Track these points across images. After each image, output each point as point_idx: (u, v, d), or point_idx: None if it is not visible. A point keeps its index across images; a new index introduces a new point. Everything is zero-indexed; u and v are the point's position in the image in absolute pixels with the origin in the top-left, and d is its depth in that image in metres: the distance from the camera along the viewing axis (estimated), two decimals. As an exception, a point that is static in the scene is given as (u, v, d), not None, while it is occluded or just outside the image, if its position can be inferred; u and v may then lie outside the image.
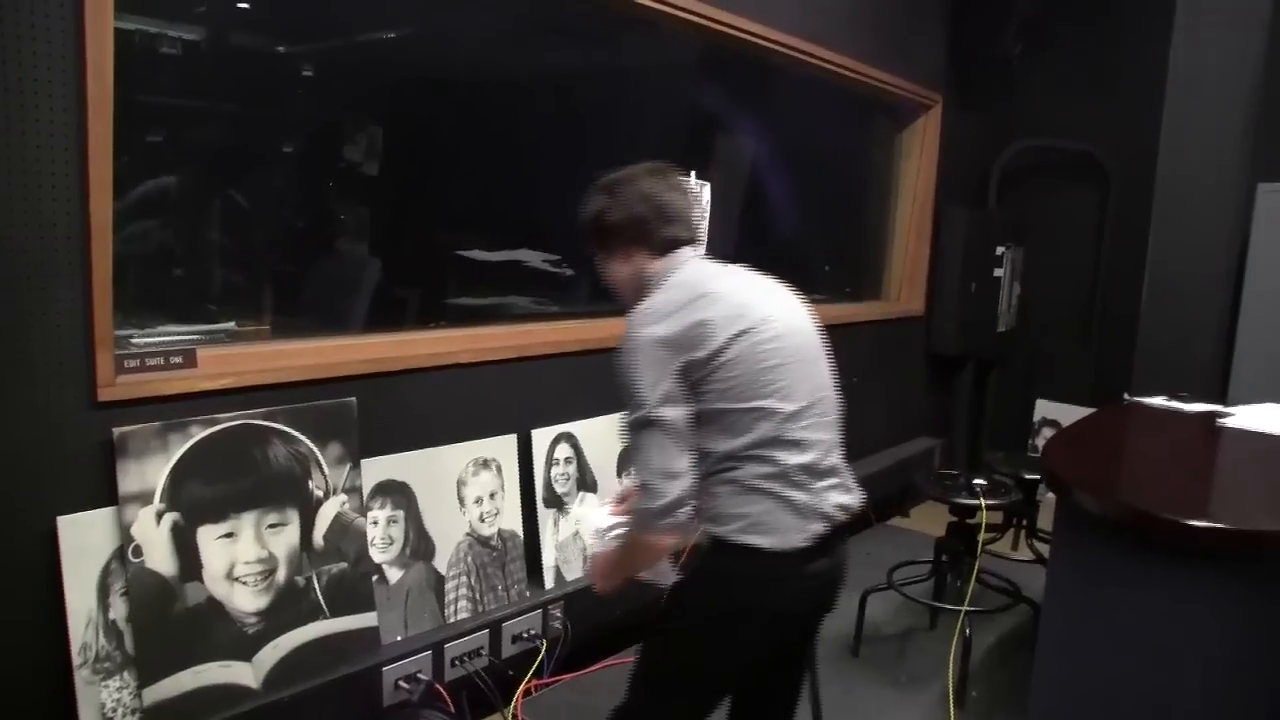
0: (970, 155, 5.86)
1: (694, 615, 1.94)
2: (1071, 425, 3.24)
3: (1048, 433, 5.84)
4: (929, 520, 5.13)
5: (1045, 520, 4.19)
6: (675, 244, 1.98)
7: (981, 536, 3.57)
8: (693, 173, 3.90)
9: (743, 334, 1.85)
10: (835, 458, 1.98)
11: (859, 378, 5.16)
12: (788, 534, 1.85)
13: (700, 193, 3.93)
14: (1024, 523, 4.39)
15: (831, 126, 5.27)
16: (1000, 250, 5.71)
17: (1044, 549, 4.30)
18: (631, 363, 1.84)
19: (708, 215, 3.92)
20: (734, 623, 1.91)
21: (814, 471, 1.90)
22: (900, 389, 5.70)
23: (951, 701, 3.22)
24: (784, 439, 1.86)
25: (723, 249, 4.20)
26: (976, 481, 3.69)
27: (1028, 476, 4.05)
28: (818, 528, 1.88)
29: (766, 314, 1.91)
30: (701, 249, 2.05)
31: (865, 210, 5.80)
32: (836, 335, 4.75)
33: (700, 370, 1.83)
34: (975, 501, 3.57)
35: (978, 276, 5.66)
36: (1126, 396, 3.66)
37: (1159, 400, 3.50)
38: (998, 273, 5.72)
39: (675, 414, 1.82)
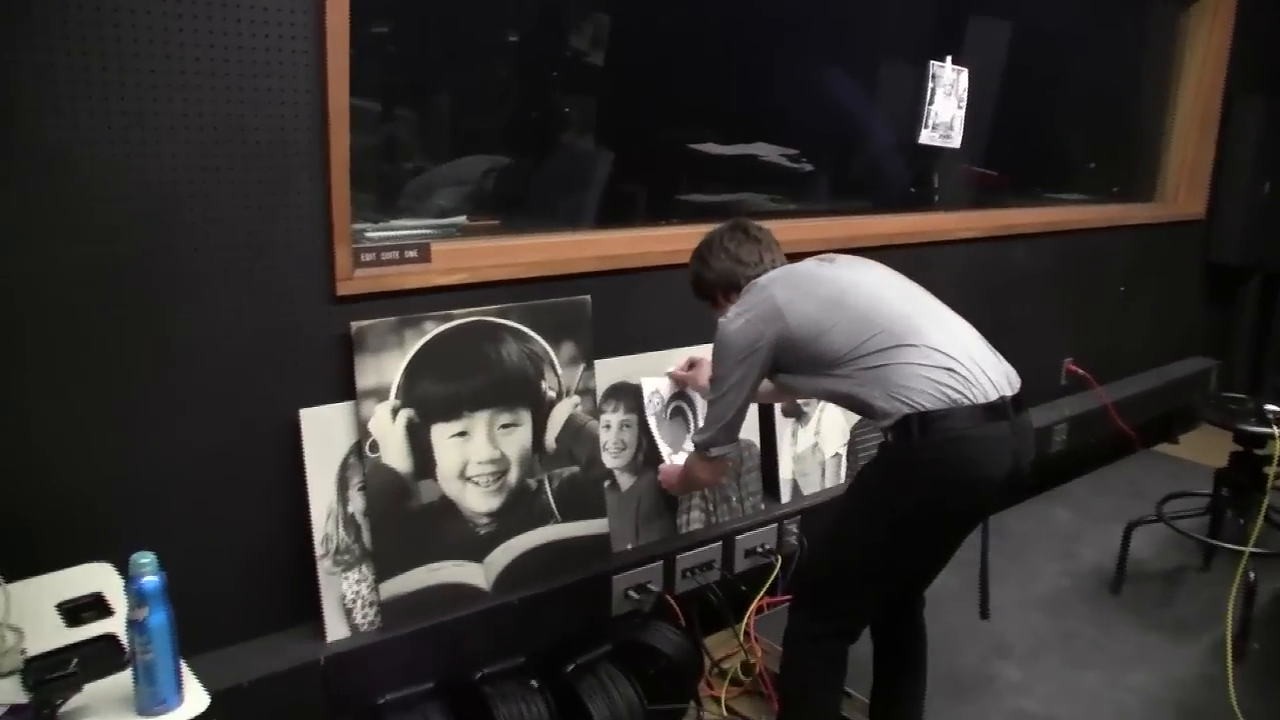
0: (1273, 34, 5.36)
1: (885, 486, 2.20)
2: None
3: (1351, 359, 5.42)
4: (1202, 448, 4.87)
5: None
6: (756, 278, 2.40)
7: (1273, 470, 3.32)
8: (948, 59, 3.77)
9: (804, 288, 2.28)
10: (965, 341, 2.21)
11: (1124, 287, 5.01)
12: (944, 393, 2.07)
13: (958, 79, 3.80)
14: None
15: (1103, 6, 4.95)
16: (1305, 143, 5.24)
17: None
18: (716, 353, 2.34)
19: (964, 103, 3.76)
20: (918, 490, 2.13)
21: (937, 344, 2.13)
22: (1172, 302, 5.42)
23: (1229, 653, 3.01)
24: (892, 330, 2.15)
25: (977, 142, 4.09)
26: (1269, 408, 3.43)
27: (1331, 406, 3.75)
28: (980, 383, 2.10)
29: (826, 270, 2.35)
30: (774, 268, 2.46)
31: (1139, 101, 5.47)
32: (1100, 240, 4.63)
33: (785, 334, 2.22)
34: (1269, 430, 3.32)
35: (1274, 174, 5.23)
36: None
37: None
38: (1300, 169, 5.27)
39: (743, 392, 2.30)
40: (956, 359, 2.11)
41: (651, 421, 2.88)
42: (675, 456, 2.89)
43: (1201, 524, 3.68)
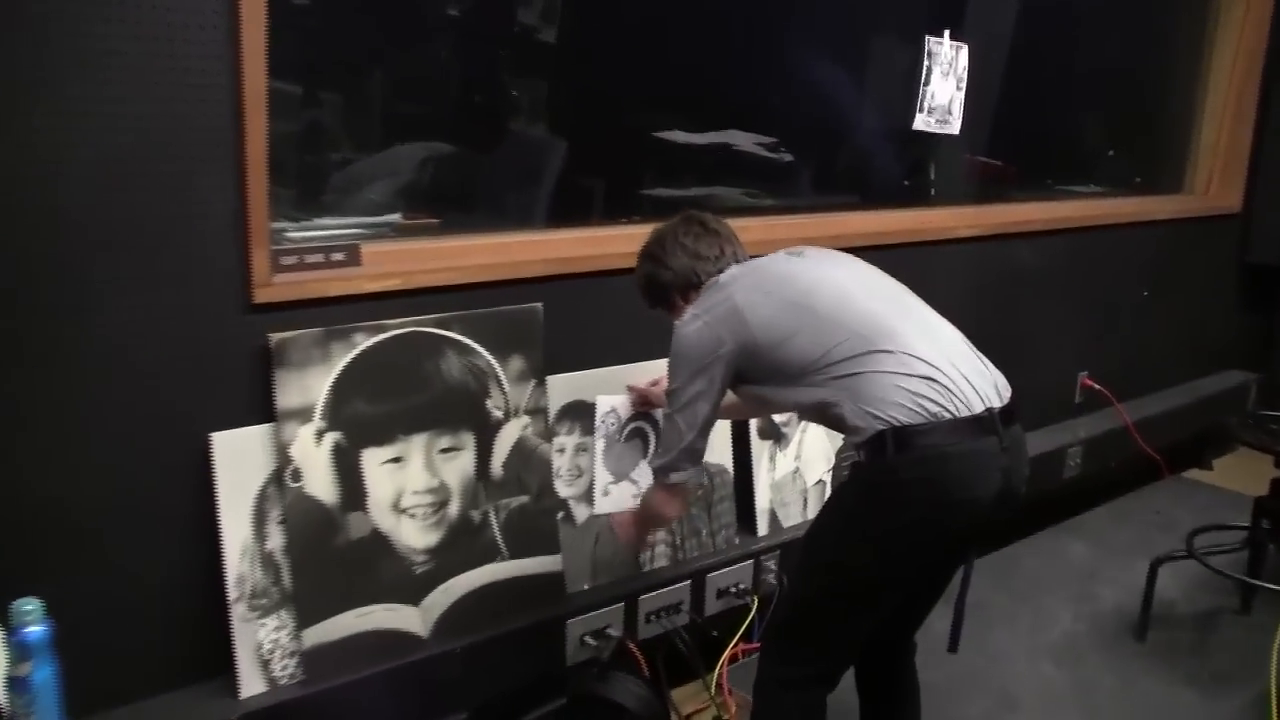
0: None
1: (859, 509, 2.22)
2: None
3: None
4: (1239, 475, 4.90)
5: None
6: (717, 275, 2.43)
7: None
8: (946, 33, 3.81)
9: (767, 287, 2.30)
10: (946, 345, 2.23)
11: (1149, 291, 5.01)
12: (922, 405, 2.07)
13: (957, 56, 3.82)
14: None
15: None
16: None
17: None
18: (671, 360, 2.36)
19: (964, 83, 3.79)
20: (897, 511, 2.14)
21: (915, 349, 2.14)
22: (1203, 307, 5.44)
23: (1274, 709, 3.03)
24: (863, 333, 2.16)
25: (978, 128, 4.14)
26: (1313, 429, 3.50)
27: (1384, 427, 3.77)
28: (963, 393, 2.10)
29: (795, 266, 2.38)
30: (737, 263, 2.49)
31: (1166, 80, 5.50)
32: (1121, 237, 4.68)
33: (748, 339, 2.23)
34: (1313, 454, 3.38)
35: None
36: None
37: None
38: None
39: (705, 405, 2.30)
40: (936, 366, 2.11)
41: (599, 445, 2.88)
42: (614, 486, 2.90)
43: (1239, 560, 3.71)
